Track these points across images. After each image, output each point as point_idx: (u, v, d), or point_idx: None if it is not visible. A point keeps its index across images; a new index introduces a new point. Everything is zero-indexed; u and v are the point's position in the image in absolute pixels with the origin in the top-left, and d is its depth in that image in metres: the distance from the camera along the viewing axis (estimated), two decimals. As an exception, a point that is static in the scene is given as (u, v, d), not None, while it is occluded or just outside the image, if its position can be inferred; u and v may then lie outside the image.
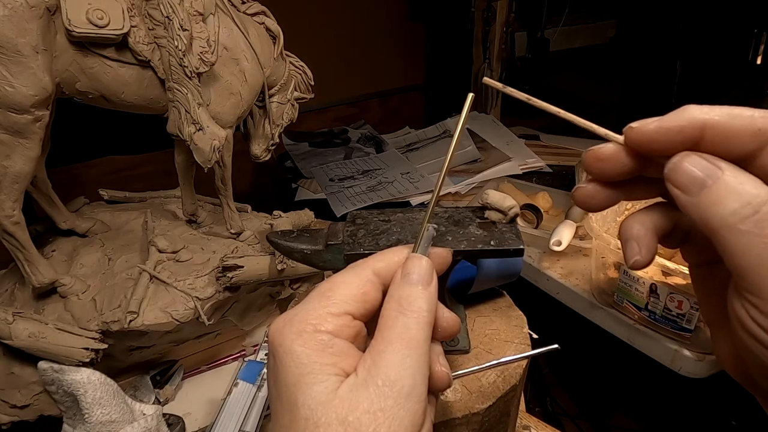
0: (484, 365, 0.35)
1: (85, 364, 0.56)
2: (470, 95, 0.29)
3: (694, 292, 0.30)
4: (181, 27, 0.56)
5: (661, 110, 0.25)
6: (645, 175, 0.27)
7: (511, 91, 0.29)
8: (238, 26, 0.63)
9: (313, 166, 1.32)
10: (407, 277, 0.28)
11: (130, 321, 0.59)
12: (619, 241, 0.79)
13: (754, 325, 0.22)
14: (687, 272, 0.62)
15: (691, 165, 0.23)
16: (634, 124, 0.25)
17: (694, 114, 0.23)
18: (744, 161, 0.23)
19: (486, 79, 0.30)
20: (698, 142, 0.23)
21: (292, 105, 0.75)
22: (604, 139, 0.27)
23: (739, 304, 0.22)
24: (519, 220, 0.64)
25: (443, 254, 0.32)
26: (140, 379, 0.68)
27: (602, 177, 0.27)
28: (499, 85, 0.29)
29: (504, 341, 0.45)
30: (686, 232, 0.28)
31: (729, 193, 0.22)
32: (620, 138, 0.26)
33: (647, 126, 0.24)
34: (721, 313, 0.27)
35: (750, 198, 0.21)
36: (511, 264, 0.47)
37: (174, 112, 0.61)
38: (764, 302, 0.21)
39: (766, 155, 0.23)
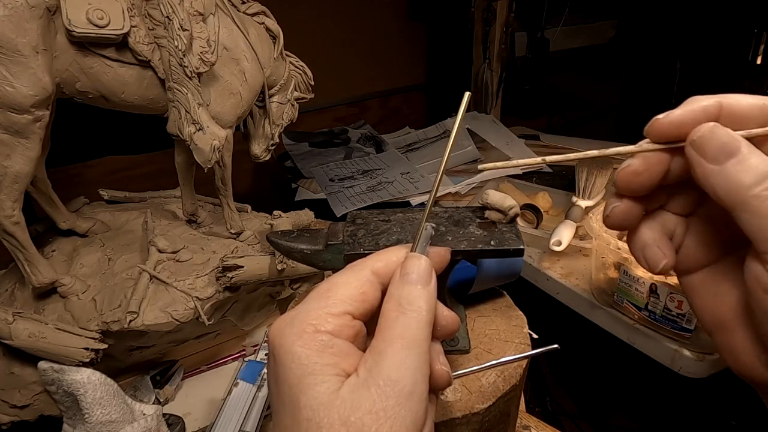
0: (484, 365, 0.35)
1: (85, 364, 0.56)
2: (467, 94, 0.29)
3: (691, 305, 0.30)
4: (181, 27, 0.56)
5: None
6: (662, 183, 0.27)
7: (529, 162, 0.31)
8: (238, 26, 0.63)
9: (313, 166, 1.32)
10: (406, 276, 0.28)
11: (130, 321, 0.59)
12: (619, 241, 0.78)
13: None
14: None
15: (722, 134, 0.24)
16: (659, 116, 0.26)
17: (705, 98, 0.25)
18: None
19: (482, 166, 0.31)
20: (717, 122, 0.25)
21: (292, 105, 0.75)
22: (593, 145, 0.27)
23: (761, 266, 0.23)
24: (519, 220, 0.64)
25: (442, 253, 0.32)
26: (140, 379, 0.68)
27: (638, 191, 0.28)
28: (513, 162, 0.31)
29: (504, 341, 0.45)
30: (681, 238, 0.29)
31: (754, 163, 0.23)
32: (641, 144, 0.27)
33: (673, 113, 0.26)
34: (729, 310, 0.27)
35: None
36: (511, 264, 0.47)
37: (174, 112, 0.61)
38: None
39: None
